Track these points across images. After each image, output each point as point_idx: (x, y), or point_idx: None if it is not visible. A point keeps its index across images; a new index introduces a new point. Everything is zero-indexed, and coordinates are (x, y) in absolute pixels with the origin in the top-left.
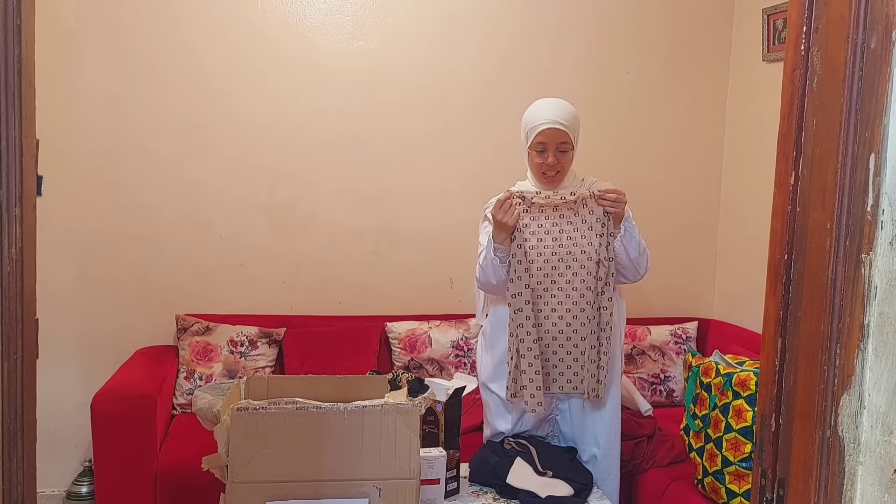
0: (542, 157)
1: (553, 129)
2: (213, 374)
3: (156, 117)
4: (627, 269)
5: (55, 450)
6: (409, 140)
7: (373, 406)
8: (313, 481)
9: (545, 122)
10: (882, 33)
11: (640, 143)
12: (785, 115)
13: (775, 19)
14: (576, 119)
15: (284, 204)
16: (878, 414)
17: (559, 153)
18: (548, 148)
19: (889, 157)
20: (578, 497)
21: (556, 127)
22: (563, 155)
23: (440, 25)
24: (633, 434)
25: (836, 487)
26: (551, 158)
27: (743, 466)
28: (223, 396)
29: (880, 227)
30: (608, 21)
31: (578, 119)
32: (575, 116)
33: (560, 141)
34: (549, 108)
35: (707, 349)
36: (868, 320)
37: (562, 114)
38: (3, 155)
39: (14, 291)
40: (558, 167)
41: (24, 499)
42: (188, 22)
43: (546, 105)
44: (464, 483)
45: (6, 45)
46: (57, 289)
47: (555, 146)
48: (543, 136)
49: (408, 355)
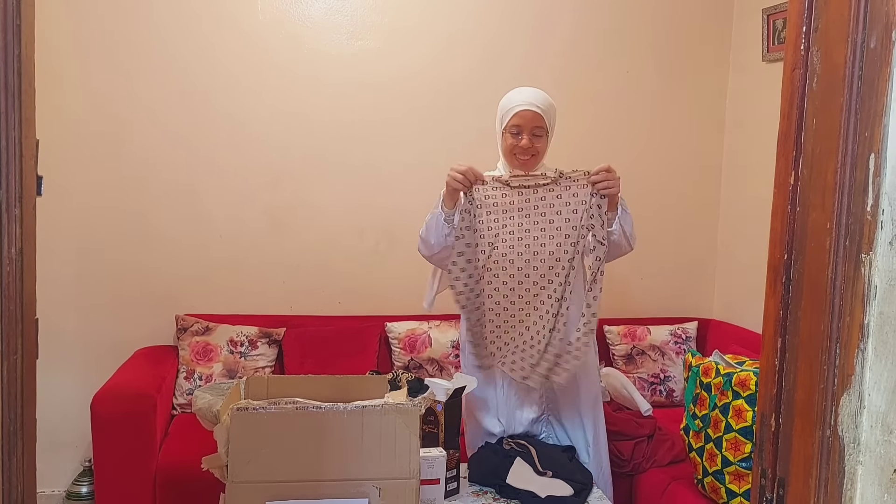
0: (516, 140)
1: (529, 112)
2: (212, 374)
3: (156, 117)
4: (623, 245)
5: (55, 450)
6: (410, 139)
7: (373, 406)
8: (313, 481)
9: (521, 103)
10: (882, 33)
11: (639, 143)
12: (785, 114)
13: (775, 19)
14: (552, 107)
15: (284, 204)
16: (878, 414)
17: (534, 137)
18: (523, 130)
19: (889, 157)
20: (578, 497)
21: (532, 109)
22: (537, 139)
23: (440, 25)
24: (633, 434)
25: (835, 487)
26: (525, 141)
27: (743, 466)
28: (223, 396)
29: (880, 226)
30: (608, 21)
31: (555, 109)
32: (551, 105)
33: (535, 125)
34: (526, 93)
35: (707, 349)
36: (868, 320)
37: (538, 98)
38: (3, 155)
39: (14, 291)
40: (532, 150)
41: (24, 499)
42: (188, 22)
43: (523, 90)
44: (464, 483)
45: (6, 45)
46: (57, 289)
47: (530, 129)
48: (519, 118)
49: (408, 355)
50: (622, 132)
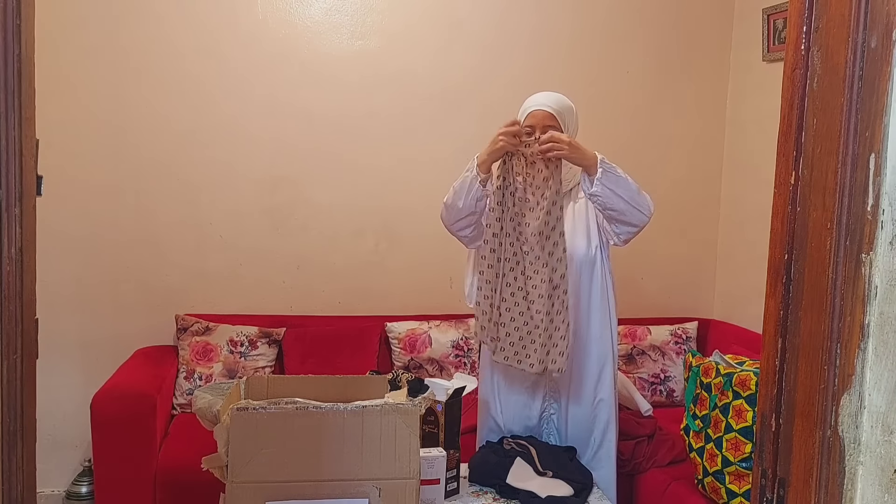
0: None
1: (540, 111)
2: (212, 374)
3: (156, 117)
4: (627, 212)
5: (55, 450)
6: (410, 139)
7: (373, 406)
8: (313, 481)
9: (533, 105)
10: (882, 33)
11: (639, 143)
12: (785, 114)
13: (775, 19)
14: (567, 108)
15: (284, 204)
16: (879, 414)
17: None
18: (536, 130)
19: (889, 157)
20: (578, 497)
21: (544, 109)
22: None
23: (440, 25)
24: (633, 434)
25: (836, 487)
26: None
27: (743, 466)
28: (223, 396)
29: (880, 226)
30: (608, 21)
31: (573, 111)
32: (566, 106)
33: (547, 124)
34: (540, 95)
35: (707, 349)
36: (868, 320)
37: (551, 99)
38: (3, 155)
39: (14, 291)
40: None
41: (24, 499)
42: (188, 22)
43: (538, 94)
44: (464, 483)
45: (6, 45)
46: (57, 289)
47: (542, 128)
48: (532, 118)
49: (408, 355)
50: (622, 132)
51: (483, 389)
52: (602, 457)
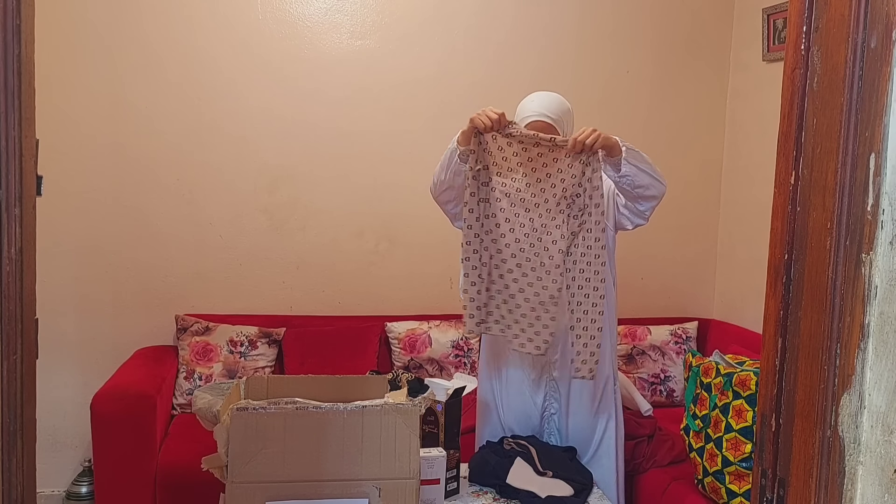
0: None
1: (541, 122)
2: (212, 374)
3: (155, 117)
4: (652, 185)
5: (55, 450)
6: (409, 139)
7: (373, 406)
8: (313, 481)
9: (532, 114)
10: (882, 33)
11: (639, 143)
12: (785, 114)
13: (775, 19)
14: (566, 113)
15: (284, 204)
16: (879, 414)
17: None
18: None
19: (889, 157)
20: (578, 497)
21: (544, 120)
22: None
23: (439, 24)
24: (633, 434)
25: (836, 487)
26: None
27: (743, 466)
28: (223, 396)
29: (880, 226)
30: (608, 21)
31: (571, 112)
32: (565, 110)
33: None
34: (538, 100)
35: (707, 349)
36: (868, 320)
37: (551, 106)
38: (3, 155)
39: (14, 291)
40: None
41: (24, 499)
42: (187, 22)
43: (536, 97)
44: (464, 483)
45: (6, 45)
46: (57, 289)
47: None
48: (532, 128)
49: (408, 355)
50: (622, 132)
51: (483, 389)
52: (602, 456)
